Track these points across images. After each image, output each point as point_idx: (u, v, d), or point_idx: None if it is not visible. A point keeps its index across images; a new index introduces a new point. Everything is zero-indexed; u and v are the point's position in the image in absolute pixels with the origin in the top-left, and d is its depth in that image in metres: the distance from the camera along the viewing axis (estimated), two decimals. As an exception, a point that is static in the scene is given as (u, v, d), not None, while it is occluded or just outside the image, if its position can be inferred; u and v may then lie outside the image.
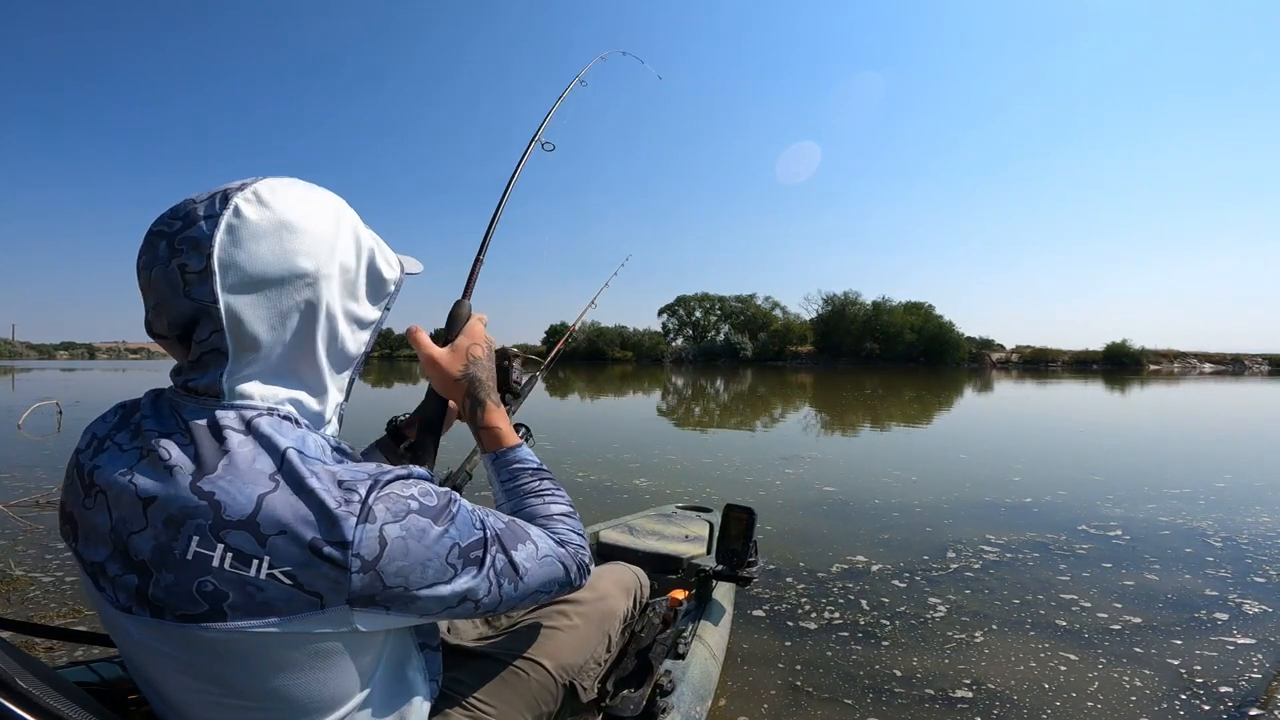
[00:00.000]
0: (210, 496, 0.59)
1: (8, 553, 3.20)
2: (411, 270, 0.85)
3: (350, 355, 0.76)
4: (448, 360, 0.92)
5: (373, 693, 0.70)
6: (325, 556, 0.58)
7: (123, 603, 0.61)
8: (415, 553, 0.63)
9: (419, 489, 0.67)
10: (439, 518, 0.66)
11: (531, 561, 0.75)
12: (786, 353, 63.51)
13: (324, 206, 0.71)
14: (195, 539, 0.58)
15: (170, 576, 0.59)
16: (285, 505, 0.59)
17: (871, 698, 1.98)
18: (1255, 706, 1.94)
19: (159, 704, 0.68)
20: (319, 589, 0.59)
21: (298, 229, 0.67)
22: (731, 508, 1.88)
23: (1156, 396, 18.88)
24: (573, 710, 1.05)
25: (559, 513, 0.87)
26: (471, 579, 0.68)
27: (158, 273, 0.64)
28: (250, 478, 0.60)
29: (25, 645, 1.98)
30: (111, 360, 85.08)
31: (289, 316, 0.67)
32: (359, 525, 0.60)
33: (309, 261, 0.67)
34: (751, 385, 23.33)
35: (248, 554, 0.57)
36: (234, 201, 0.64)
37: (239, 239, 0.64)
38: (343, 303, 0.72)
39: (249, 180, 0.68)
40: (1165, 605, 2.72)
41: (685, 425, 10.22)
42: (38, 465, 5.68)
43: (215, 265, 0.63)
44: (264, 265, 0.65)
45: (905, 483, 5.22)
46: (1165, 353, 61.45)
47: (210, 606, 0.58)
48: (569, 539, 0.84)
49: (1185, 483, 5.31)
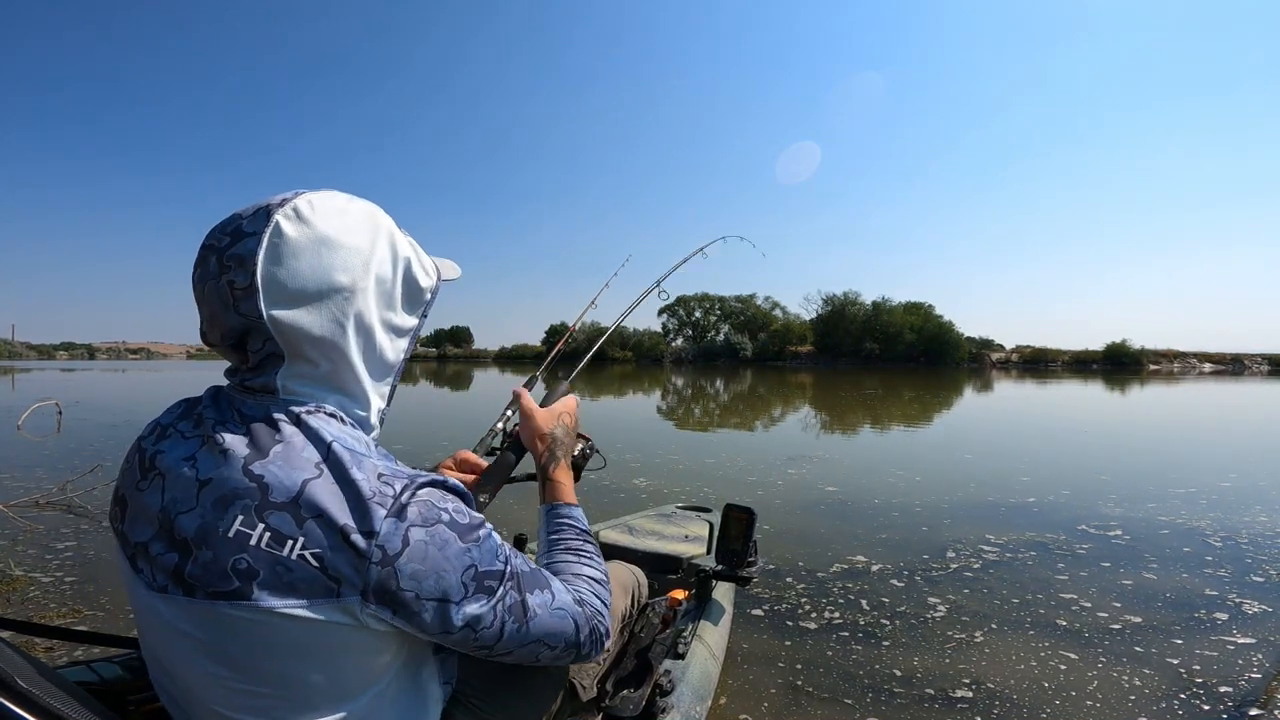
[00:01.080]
0: (260, 479, 0.63)
1: (8, 553, 3.21)
2: (449, 276, 0.87)
3: (389, 363, 0.78)
4: (544, 417, 1.02)
5: (385, 692, 0.70)
6: (352, 543, 0.61)
7: (159, 583, 0.65)
8: (434, 561, 0.64)
9: (454, 504, 0.69)
10: (465, 536, 0.68)
11: (544, 609, 0.75)
12: (786, 353, 63.47)
13: (361, 220, 0.73)
14: (240, 518, 0.62)
15: (209, 554, 0.62)
16: (327, 491, 0.62)
17: (872, 697, 1.98)
18: (1255, 706, 1.94)
19: (171, 690, 0.70)
20: (340, 574, 0.61)
21: (335, 244, 0.69)
22: (731, 508, 1.89)
23: (1156, 396, 18.88)
24: (573, 710, 1.05)
25: (589, 576, 0.87)
26: (480, 606, 0.68)
27: (210, 288, 0.67)
28: (298, 464, 0.64)
29: (25, 645, 1.98)
30: (111, 360, 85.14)
31: (328, 329, 0.69)
32: (388, 518, 0.63)
33: (345, 276, 0.70)
34: (751, 385, 23.33)
35: (285, 534, 0.61)
36: (275, 219, 0.67)
37: (279, 256, 0.66)
38: (380, 313, 0.74)
39: (289, 195, 0.70)
40: (1165, 605, 2.73)
41: (686, 425, 10.22)
42: (38, 465, 5.69)
43: (259, 282, 0.65)
44: (303, 281, 0.67)
45: (908, 483, 5.22)
46: (1165, 353, 61.41)
47: (240, 583, 0.61)
48: (590, 601, 0.83)
49: (1186, 482, 5.31)
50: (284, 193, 0.71)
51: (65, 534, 3.57)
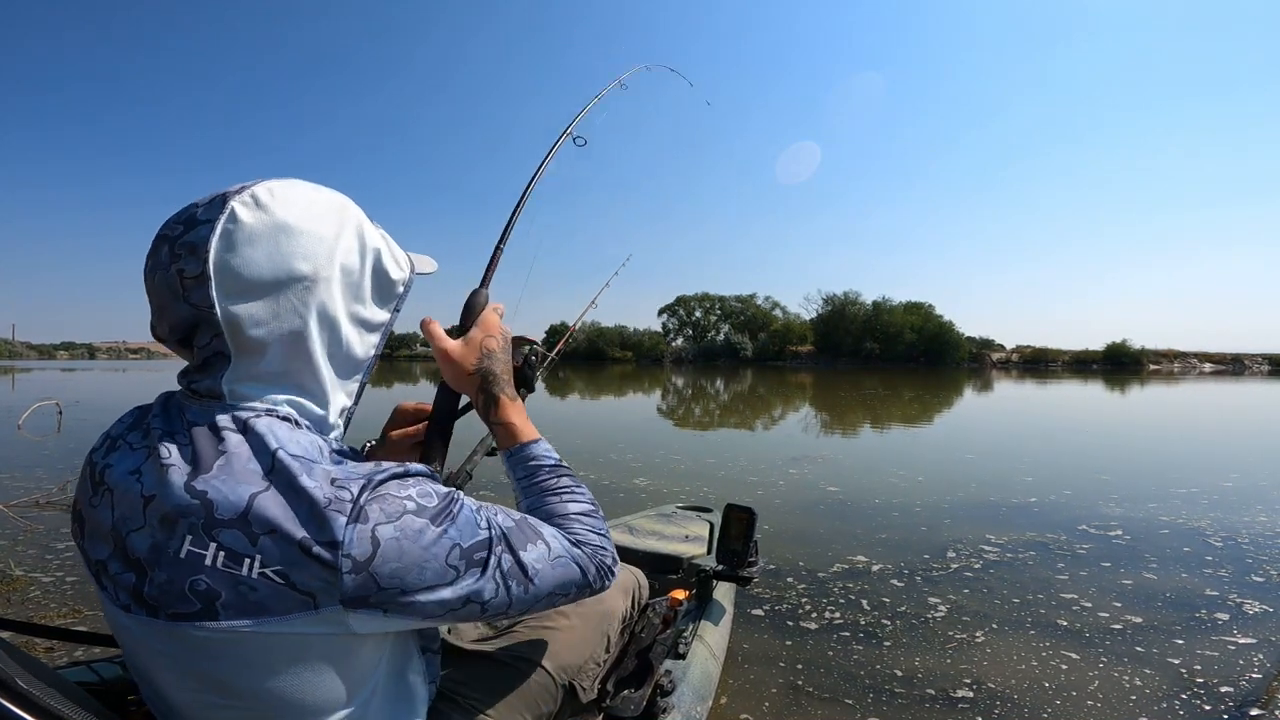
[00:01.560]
0: (203, 496, 0.59)
1: (8, 553, 3.20)
2: (424, 270, 0.83)
3: (358, 359, 0.74)
4: (461, 353, 0.88)
5: (372, 696, 0.69)
6: (314, 556, 0.58)
7: (122, 601, 0.62)
8: (411, 554, 0.61)
9: (417, 489, 0.65)
10: (438, 518, 0.64)
11: (543, 563, 0.72)
12: (786, 353, 63.42)
13: (325, 207, 0.70)
14: (189, 538, 0.58)
15: (164, 575, 0.59)
16: (276, 504, 0.58)
17: (872, 697, 1.98)
18: (1255, 706, 1.94)
19: (158, 704, 0.68)
20: (311, 589, 0.58)
21: (295, 231, 0.66)
22: (732, 507, 1.89)
23: (1157, 397, 18.87)
24: (573, 710, 1.05)
25: (577, 511, 0.82)
26: (476, 580, 0.66)
27: (159, 278, 0.64)
28: (243, 477, 0.60)
29: (25, 645, 1.98)
30: (111, 360, 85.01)
31: (287, 321, 0.66)
32: (349, 525, 0.59)
33: (306, 265, 0.66)
34: (752, 385, 23.33)
35: (239, 553, 0.57)
36: (230, 205, 0.64)
37: (234, 244, 0.63)
38: (346, 305, 0.71)
39: (249, 183, 0.67)
40: (1166, 605, 2.72)
41: (686, 425, 10.22)
42: (38, 465, 5.68)
43: (211, 270, 0.62)
44: (259, 270, 0.64)
45: (908, 482, 5.21)
46: (1165, 353, 61.37)
47: (203, 605, 0.58)
48: (587, 539, 0.79)
49: (1186, 482, 5.30)
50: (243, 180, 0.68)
51: (65, 534, 3.56)
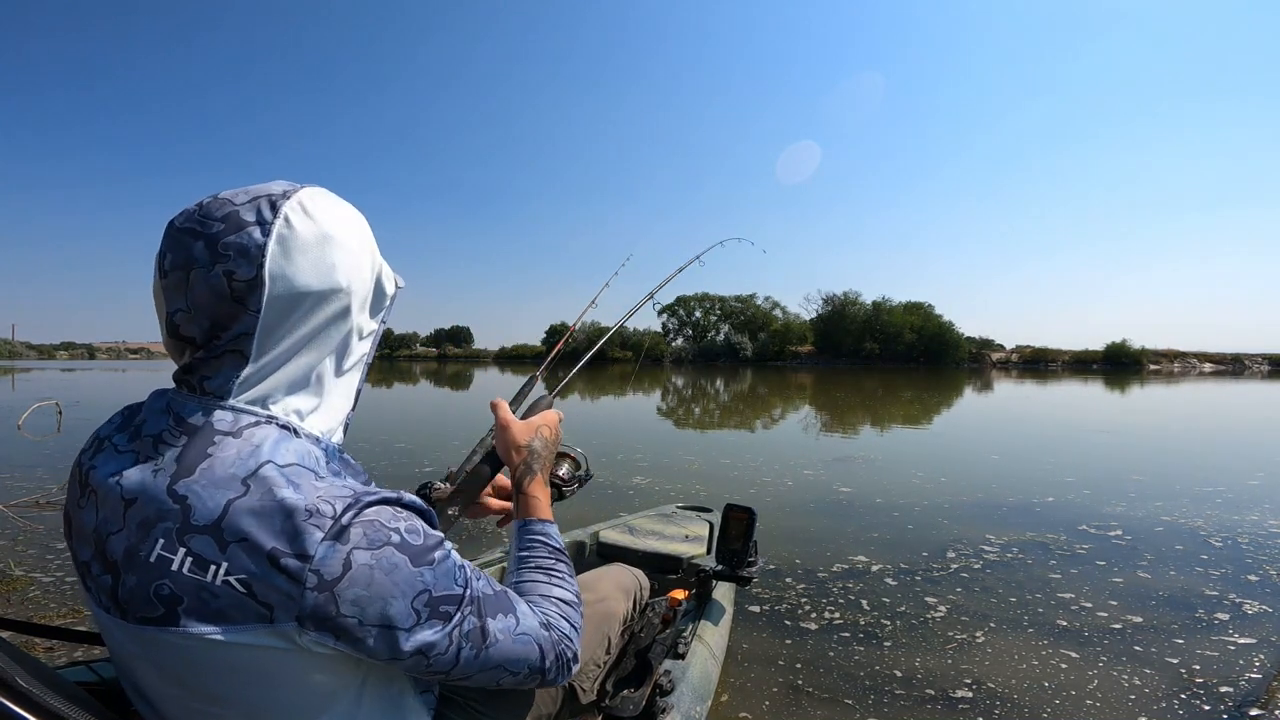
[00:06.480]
0: (183, 500, 0.59)
1: (8, 553, 3.20)
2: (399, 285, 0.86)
3: (359, 366, 0.77)
4: (520, 429, 0.97)
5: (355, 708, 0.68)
6: (282, 568, 0.57)
7: (103, 603, 0.63)
8: (380, 586, 0.60)
9: (407, 524, 0.63)
10: (418, 558, 0.63)
11: (506, 634, 0.71)
12: (786, 353, 63.43)
13: (354, 220, 0.72)
14: (161, 542, 0.58)
15: (134, 578, 0.59)
16: (252, 513, 0.58)
17: (872, 697, 1.98)
18: (1255, 706, 1.94)
19: (142, 705, 0.69)
20: (270, 601, 0.57)
21: (336, 243, 0.68)
22: (731, 507, 1.89)
23: (1156, 397, 18.86)
24: (572, 711, 1.05)
25: (558, 597, 0.83)
26: (434, 633, 0.64)
27: (198, 276, 0.62)
28: (224, 483, 0.59)
29: (25, 645, 1.98)
30: (111, 360, 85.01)
31: (320, 328, 0.68)
32: (325, 541, 0.58)
33: (344, 277, 0.68)
34: (752, 385, 23.32)
35: (207, 559, 0.57)
36: (284, 211, 0.64)
37: (289, 251, 0.64)
38: (358, 315, 0.73)
39: (287, 188, 0.67)
40: (1165, 605, 2.72)
41: (685, 425, 10.22)
42: (38, 465, 5.68)
43: (266, 276, 0.63)
44: (306, 279, 0.65)
45: (908, 483, 5.21)
46: (1165, 353, 61.37)
47: (165, 610, 0.58)
48: (558, 625, 0.79)
49: (1186, 482, 5.30)
50: (270, 183, 0.68)
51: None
